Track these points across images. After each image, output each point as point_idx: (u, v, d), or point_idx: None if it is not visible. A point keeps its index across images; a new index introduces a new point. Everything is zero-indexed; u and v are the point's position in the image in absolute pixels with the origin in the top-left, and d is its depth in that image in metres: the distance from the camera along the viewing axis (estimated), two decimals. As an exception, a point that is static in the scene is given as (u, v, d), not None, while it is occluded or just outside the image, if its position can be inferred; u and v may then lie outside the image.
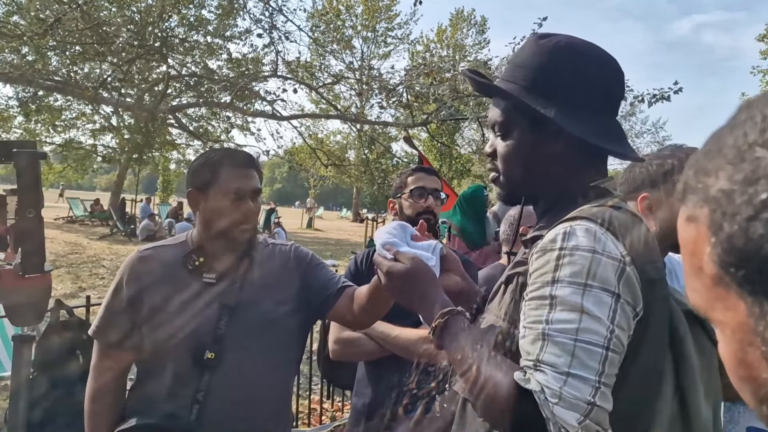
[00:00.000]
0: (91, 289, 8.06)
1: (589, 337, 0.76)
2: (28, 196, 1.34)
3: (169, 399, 1.45)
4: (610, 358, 0.76)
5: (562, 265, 0.80)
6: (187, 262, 1.52)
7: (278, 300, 1.56)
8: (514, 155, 0.98)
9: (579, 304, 0.77)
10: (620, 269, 0.79)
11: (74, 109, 18.90)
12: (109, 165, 22.65)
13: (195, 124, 17.61)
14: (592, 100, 0.93)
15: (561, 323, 0.77)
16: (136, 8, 11.41)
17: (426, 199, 2.08)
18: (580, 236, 0.81)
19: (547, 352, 0.77)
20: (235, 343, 1.48)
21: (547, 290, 0.80)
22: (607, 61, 0.95)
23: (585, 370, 0.75)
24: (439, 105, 10.55)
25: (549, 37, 0.96)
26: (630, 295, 0.79)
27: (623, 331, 0.78)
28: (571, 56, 0.93)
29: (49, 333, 2.27)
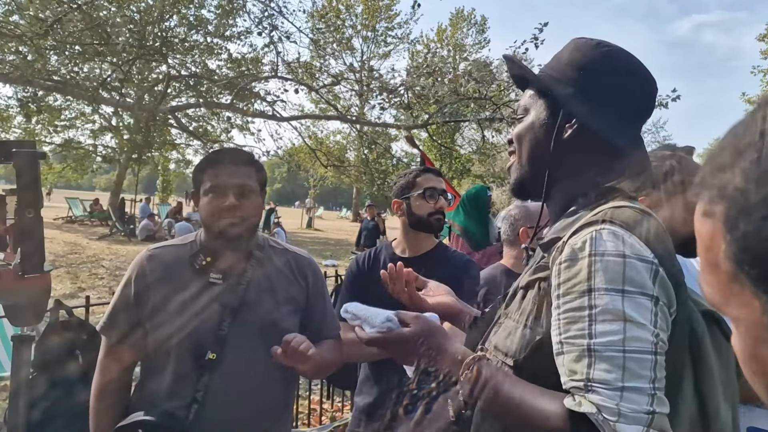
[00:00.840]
0: (91, 289, 8.06)
1: (637, 345, 0.75)
2: (27, 195, 1.34)
3: (170, 398, 1.46)
4: (659, 361, 0.76)
5: (595, 272, 0.78)
6: (195, 261, 1.54)
7: (281, 302, 1.57)
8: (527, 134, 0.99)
9: (621, 311, 0.76)
10: (654, 271, 0.79)
11: (74, 109, 18.89)
12: (109, 165, 22.65)
13: (195, 124, 17.60)
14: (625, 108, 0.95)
15: (606, 336, 0.76)
16: (136, 8, 11.40)
17: (437, 200, 2.09)
18: (608, 241, 0.80)
19: (596, 369, 0.75)
20: (237, 344, 1.48)
21: (584, 301, 0.78)
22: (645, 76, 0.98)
23: (639, 381, 0.74)
24: (439, 106, 10.55)
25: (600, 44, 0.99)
26: (665, 297, 0.79)
27: (665, 332, 0.78)
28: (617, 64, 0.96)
29: (49, 333, 2.26)
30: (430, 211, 2.07)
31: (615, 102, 0.94)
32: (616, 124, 0.94)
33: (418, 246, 2.12)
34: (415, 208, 2.09)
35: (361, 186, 24.13)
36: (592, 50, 0.97)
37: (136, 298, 1.52)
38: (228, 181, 1.52)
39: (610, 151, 0.93)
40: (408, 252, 2.13)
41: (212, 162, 1.57)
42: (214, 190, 1.52)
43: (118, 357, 1.57)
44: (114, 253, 12.08)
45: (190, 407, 1.43)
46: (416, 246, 2.12)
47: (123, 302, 1.55)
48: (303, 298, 1.62)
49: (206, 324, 1.48)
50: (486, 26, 32.11)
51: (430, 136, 14.91)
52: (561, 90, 0.95)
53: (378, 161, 15.42)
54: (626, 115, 0.96)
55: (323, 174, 23.78)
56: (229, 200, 1.50)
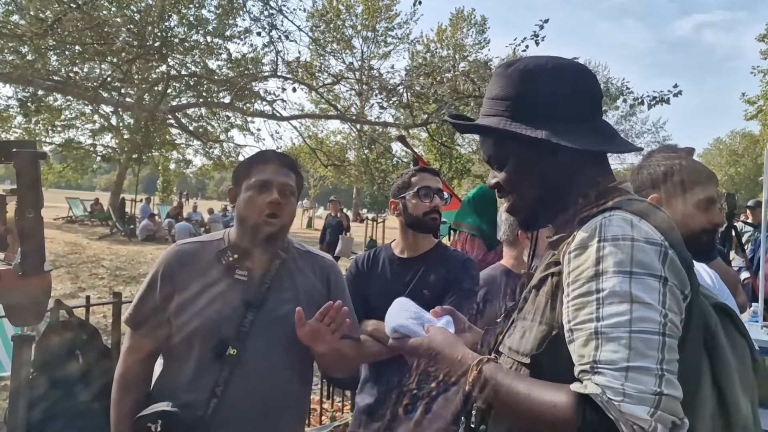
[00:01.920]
0: (91, 289, 8.06)
1: (644, 326, 0.74)
2: (27, 196, 1.34)
3: (190, 391, 1.49)
4: (669, 343, 0.75)
5: (604, 256, 0.79)
6: (222, 257, 1.57)
7: (303, 302, 1.58)
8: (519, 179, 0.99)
9: (628, 292, 0.76)
10: (663, 253, 0.79)
11: (74, 108, 18.89)
12: (109, 165, 22.65)
13: (195, 124, 17.60)
14: (575, 109, 0.95)
15: (613, 317, 0.76)
16: (136, 8, 11.39)
17: (432, 199, 2.09)
18: (617, 225, 0.81)
19: (603, 351, 0.75)
20: (258, 341, 1.51)
21: (592, 285, 0.79)
22: (576, 68, 0.98)
23: (645, 360, 0.73)
24: (439, 105, 10.54)
25: (514, 64, 0.99)
26: (676, 278, 0.79)
27: (676, 314, 0.78)
28: (541, 75, 0.96)
29: (49, 333, 2.26)
30: (425, 211, 2.07)
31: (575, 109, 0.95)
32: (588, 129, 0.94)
33: (417, 246, 2.12)
34: (411, 208, 2.09)
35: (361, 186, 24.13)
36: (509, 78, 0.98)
37: (162, 291, 1.55)
38: (274, 178, 1.58)
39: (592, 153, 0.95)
40: (407, 252, 2.13)
41: (260, 159, 1.62)
42: (260, 185, 1.56)
43: (141, 347, 1.60)
44: (114, 253, 12.08)
45: (209, 401, 1.46)
46: (415, 246, 2.12)
47: (148, 294, 1.58)
48: (324, 300, 1.62)
49: (229, 319, 1.51)
50: (486, 26, 32.10)
51: (430, 135, 14.90)
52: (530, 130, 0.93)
53: (378, 161, 15.39)
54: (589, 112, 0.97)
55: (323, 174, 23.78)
56: (273, 196, 1.55)
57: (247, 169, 1.61)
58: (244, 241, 1.59)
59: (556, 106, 0.94)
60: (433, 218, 2.09)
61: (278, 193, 1.57)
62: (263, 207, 1.55)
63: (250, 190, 1.57)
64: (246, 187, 1.58)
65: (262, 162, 1.61)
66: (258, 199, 1.55)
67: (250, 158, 1.66)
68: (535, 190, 0.98)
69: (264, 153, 1.68)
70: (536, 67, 0.97)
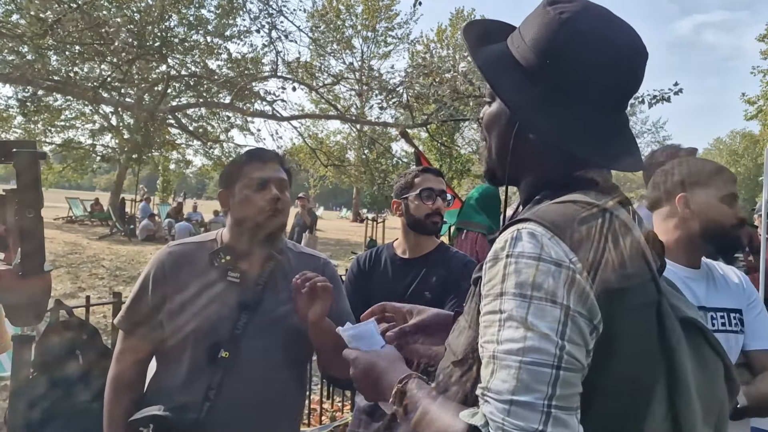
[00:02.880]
0: (91, 289, 8.06)
1: (536, 357, 0.68)
2: (27, 195, 1.34)
3: (183, 393, 1.48)
4: (564, 377, 0.68)
5: (508, 274, 0.73)
6: (214, 259, 1.56)
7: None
8: (494, 127, 0.92)
9: (524, 318, 0.70)
10: (569, 278, 0.71)
11: (74, 109, 18.89)
12: (109, 165, 22.64)
13: (194, 124, 17.60)
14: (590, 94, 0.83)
15: (508, 343, 0.70)
16: (136, 8, 11.40)
17: (434, 200, 2.08)
18: (525, 241, 0.74)
19: (494, 378, 0.70)
20: (251, 344, 1.49)
21: (496, 304, 0.73)
22: (620, 51, 0.82)
23: (531, 395, 0.67)
24: (439, 105, 10.54)
25: (557, 4, 0.83)
26: (582, 306, 0.70)
27: (577, 346, 0.69)
28: (573, 38, 0.81)
29: (49, 333, 2.26)
30: (427, 212, 2.07)
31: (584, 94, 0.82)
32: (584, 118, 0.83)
33: (419, 246, 2.12)
34: (413, 209, 2.09)
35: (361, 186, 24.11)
36: (559, 30, 0.82)
37: (154, 294, 1.54)
38: (271, 175, 1.57)
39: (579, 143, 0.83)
40: (409, 253, 2.12)
41: (253, 157, 1.60)
42: (257, 182, 1.55)
43: (134, 350, 1.59)
44: (114, 253, 12.08)
45: (202, 404, 1.45)
46: (417, 246, 2.12)
47: (140, 297, 1.57)
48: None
49: (221, 322, 1.50)
50: (486, 26, 32.04)
51: (430, 135, 14.91)
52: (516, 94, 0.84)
53: (378, 161, 15.41)
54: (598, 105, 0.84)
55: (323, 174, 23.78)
56: (273, 192, 1.54)
57: (240, 170, 1.59)
58: (240, 242, 1.57)
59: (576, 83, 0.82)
60: (435, 221, 2.09)
61: (277, 189, 1.56)
62: (264, 205, 1.53)
63: (247, 190, 1.55)
64: (242, 188, 1.56)
65: (255, 161, 1.59)
66: (257, 197, 1.54)
67: (241, 159, 1.64)
68: (500, 143, 0.91)
69: (256, 152, 1.66)
70: (573, 25, 0.81)
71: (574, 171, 0.85)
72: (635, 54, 0.84)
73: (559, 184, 0.84)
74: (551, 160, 0.86)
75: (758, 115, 26.21)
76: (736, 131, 48.89)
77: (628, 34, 0.84)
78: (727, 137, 51.05)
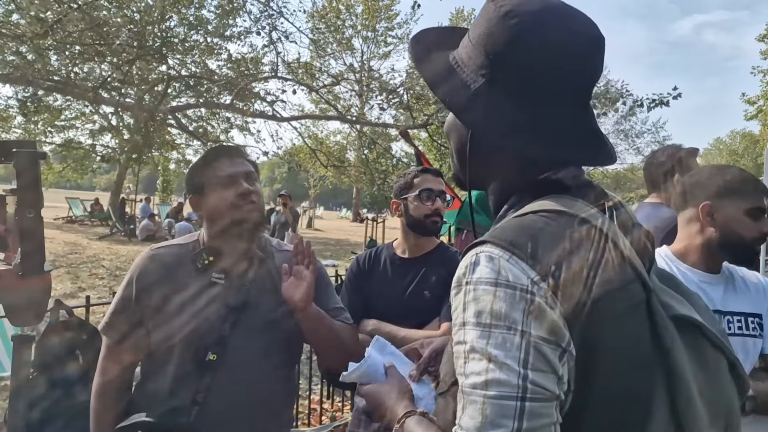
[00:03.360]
0: (91, 289, 8.06)
1: (498, 390, 0.65)
2: (27, 196, 1.34)
3: (171, 398, 1.46)
4: (530, 408, 0.65)
5: (467, 303, 0.70)
6: (197, 261, 1.53)
7: (283, 302, 1.55)
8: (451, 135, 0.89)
9: (484, 349, 0.67)
10: (528, 301, 0.67)
11: (74, 109, 18.90)
12: (109, 165, 22.64)
13: (194, 125, 17.60)
14: (543, 90, 0.77)
15: (472, 376, 0.68)
16: (136, 8, 11.40)
17: (434, 201, 2.08)
18: (483, 265, 0.70)
19: (464, 414, 0.68)
20: (239, 345, 1.48)
21: (461, 335, 0.71)
22: (572, 41, 0.77)
23: (497, 430, 0.64)
24: (439, 106, 10.54)
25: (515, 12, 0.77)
26: (545, 330, 0.67)
27: (543, 373, 0.66)
28: (519, 32, 0.76)
29: (49, 333, 2.26)
30: (426, 213, 2.06)
31: (533, 89, 0.77)
32: (537, 114, 0.77)
33: (419, 246, 2.12)
34: (412, 210, 2.08)
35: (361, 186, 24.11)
36: (499, 24, 0.78)
37: (137, 299, 1.52)
38: (237, 169, 1.54)
39: (532, 142, 0.77)
40: (408, 252, 2.12)
41: (215, 156, 1.57)
42: (226, 180, 1.52)
43: (119, 357, 1.57)
44: (114, 253, 12.08)
45: (191, 408, 1.43)
46: (417, 247, 2.12)
47: (124, 303, 1.55)
48: None
49: (208, 324, 1.47)
50: (486, 26, 32.07)
51: (430, 136, 14.90)
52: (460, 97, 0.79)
53: (378, 161, 15.40)
54: (552, 100, 0.78)
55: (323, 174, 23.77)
56: (243, 186, 1.51)
57: (202, 172, 1.55)
58: (221, 241, 1.54)
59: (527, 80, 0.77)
60: (434, 221, 2.08)
61: (247, 182, 1.53)
62: (238, 200, 1.50)
63: (217, 190, 1.52)
64: (211, 188, 1.53)
65: (215, 159, 1.56)
66: (228, 193, 1.50)
67: (200, 161, 1.59)
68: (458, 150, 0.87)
69: (213, 151, 1.62)
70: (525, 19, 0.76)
71: (539, 174, 0.81)
72: (587, 42, 0.78)
73: (525, 189, 0.80)
74: (512, 163, 0.82)
75: (758, 115, 26.22)
76: (736, 131, 48.94)
77: (580, 22, 0.79)
78: (727, 137, 51.11)
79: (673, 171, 2.42)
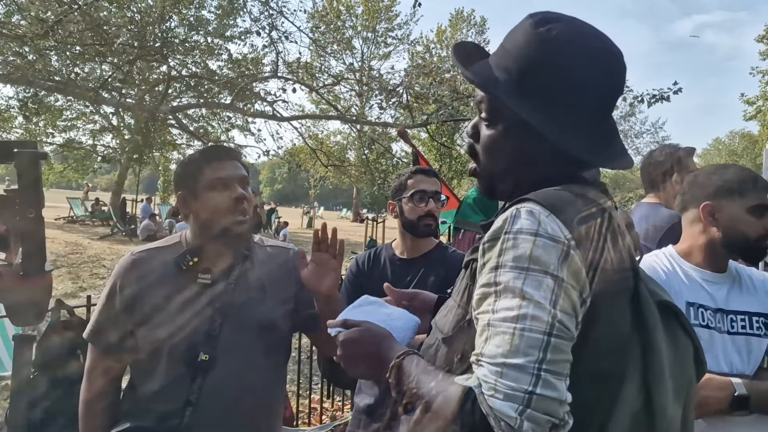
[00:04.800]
0: (92, 289, 8.06)
1: (530, 324, 0.72)
2: (28, 196, 1.34)
3: (163, 401, 1.45)
4: (554, 343, 0.72)
5: (506, 249, 0.78)
6: (181, 262, 1.50)
7: (272, 302, 1.55)
8: (497, 146, 0.94)
9: (520, 288, 0.74)
10: (564, 252, 0.76)
11: (74, 109, 18.91)
12: (110, 165, 22.65)
13: (195, 125, 17.60)
14: (583, 101, 0.88)
15: (503, 311, 0.75)
16: (137, 8, 11.40)
17: (427, 202, 2.07)
18: (524, 218, 0.79)
19: (489, 344, 0.74)
20: (229, 344, 1.47)
21: (492, 277, 0.78)
22: (606, 60, 0.89)
23: (523, 358, 0.71)
24: (439, 105, 10.55)
25: (546, 24, 0.89)
26: (574, 279, 0.76)
27: (568, 315, 0.75)
28: (566, 53, 0.87)
29: (50, 333, 2.27)
30: (420, 215, 2.05)
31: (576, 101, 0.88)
32: (585, 127, 0.88)
33: (417, 247, 2.12)
34: (407, 212, 2.08)
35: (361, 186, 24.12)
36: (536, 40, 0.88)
37: (123, 304, 1.50)
38: (232, 173, 1.51)
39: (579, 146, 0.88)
40: (407, 253, 2.13)
41: (211, 157, 1.54)
42: (220, 183, 1.49)
43: (107, 364, 1.55)
44: (115, 253, 12.08)
45: (184, 409, 1.42)
46: (415, 247, 2.12)
47: (108, 309, 1.52)
48: (293, 290, 1.59)
49: (197, 325, 1.46)
50: (485, 27, 32.13)
51: (430, 135, 14.91)
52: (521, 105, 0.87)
53: (378, 161, 15.41)
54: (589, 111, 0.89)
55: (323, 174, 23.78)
56: (237, 192, 1.49)
57: (199, 170, 1.51)
58: (206, 243, 1.52)
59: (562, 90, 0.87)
60: (428, 223, 2.07)
61: (242, 187, 1.50)
62: (231, 204, 1.48)
63: (211, 191, 1.49)
64: (203, 188, 1.49)
65: (213, 159, 1.52)
66: (223, 197, 1.48)
67: (198, 158, 1.55)
68: (507, 165, 0.94)
69: (209, 150, 1.60)
70: (564, 41, 0.87)
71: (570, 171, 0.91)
72: (616, 61, 0.91)
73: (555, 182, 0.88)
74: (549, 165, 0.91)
75: (757, 116, 26.19)
76: (735, 131, 48.92)
77: (609, 44, 0.91)
78: (726, 137, 51.07)
79: (671, 171, 2.42)
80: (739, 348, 1.48)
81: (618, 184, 37.39)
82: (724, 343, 1.47)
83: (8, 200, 1.34)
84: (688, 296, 1.52)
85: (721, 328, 1.49)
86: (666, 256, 1.64)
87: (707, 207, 1.56)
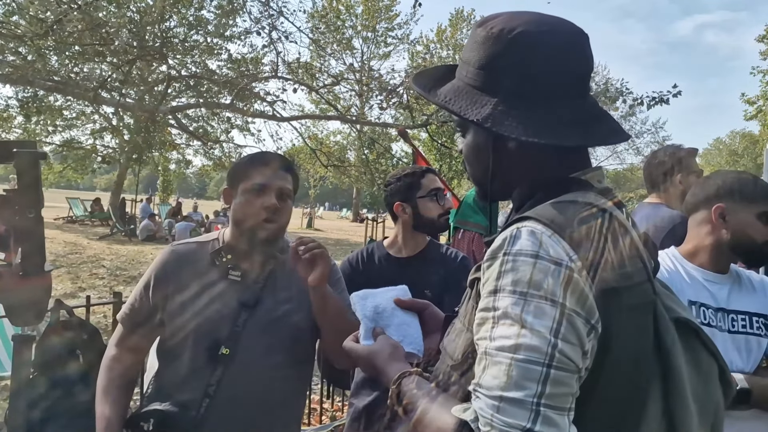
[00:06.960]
0: (91, 289, 8.06)
1: (527, 354, 0.68)
2: (28, 196, 1.34)
3: (183, 390, 1.49)
4: (554, 376, 0.67)
5: (504, 272, 0.73)
6: (216, 258, 1.57)
7: (297, 303, 1.57)
8: (473, 155, 0.93)
9: (518, 315, 0.70)
10: (566, 276, 0.71)
11: (74, 109, 18.91)
12: (109, 165, 22.66)
13: (195, 125, 17.60)
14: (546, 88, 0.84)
15: (500, 339, 0.70)
16: (136, 8, 11.40)
17: (444, 200, 2.12)
18: (524, 239, 0.74)
19: (486, 374, 0.70)
20: (251, 341, 1.51)
21: (490, 301, 0.73)
22: (560, 41, 0.85)
23: (520, 392, 0.67)
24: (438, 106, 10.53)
25: (486, 23, 0.88)
26: (579, 305, 0.70)
27: (571, 345, 0.69)
28: (511, 45, 0.84)
29: (49, 333, 2.26)
30: (440, 213, 2.10)
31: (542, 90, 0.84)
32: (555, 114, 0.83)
33: (415, 245, 2.13)
34: (425, 211, 2.09)
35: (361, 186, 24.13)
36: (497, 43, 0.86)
37: (156, 292, 1.56)
38: (272, 181, 1.56)
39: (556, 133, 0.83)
40: (404, 252, 2.13)
41: (259, 161, 1.59)
42: (258, 188, 1.54)
43: (131, 347, 1.61)
44: (114, 253, 12.08)
45: (201, 401, 1.46)
46: (414, 246, 2.13)
47: (143, 295, 1.58)
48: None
49: (222, 319, 1.51)
50: (486, 26, 32.05)
51: (430, 136, 14.91)
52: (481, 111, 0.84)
53: (378, 161, 15.42)
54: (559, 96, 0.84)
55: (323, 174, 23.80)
56: (271, 200, 1.54)
57: (244, 171, 1.58)
58: (239, 242, 1.58)
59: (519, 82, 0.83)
60: (446, 219, 2.14)
61: (276, 197, 1.55)
62: (260, 211, 1.53)
63: (247, 193, 1.55)
64: (243, 190, 1.56)
65: (260, 164, 1.58)
66: (255, 202, 1.53)
67: (247, 159, 1.63)
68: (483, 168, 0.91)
69: (262, 155, 1.65)
70: (505, 34, 0.84)
71: (567, 173, 0.86)
72: (575, 38, 0.87)
73: (554, 185, 0.84)
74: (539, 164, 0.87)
75: (758, 116, 26.19)
76: (736, 131, 48.87)
77: (561, 24, 0.88)
78: (726, 137, 51.06)
79: (672, 171, 2.42)
80: (738, 347, 1.52)
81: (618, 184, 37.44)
82: (724, 342, 1.50)
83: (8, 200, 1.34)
84: (690, 295, 1.55)
85: (722, 327, 1.53)
86: (669, 257, 1.67)
87: (719, 209, 1.59)
